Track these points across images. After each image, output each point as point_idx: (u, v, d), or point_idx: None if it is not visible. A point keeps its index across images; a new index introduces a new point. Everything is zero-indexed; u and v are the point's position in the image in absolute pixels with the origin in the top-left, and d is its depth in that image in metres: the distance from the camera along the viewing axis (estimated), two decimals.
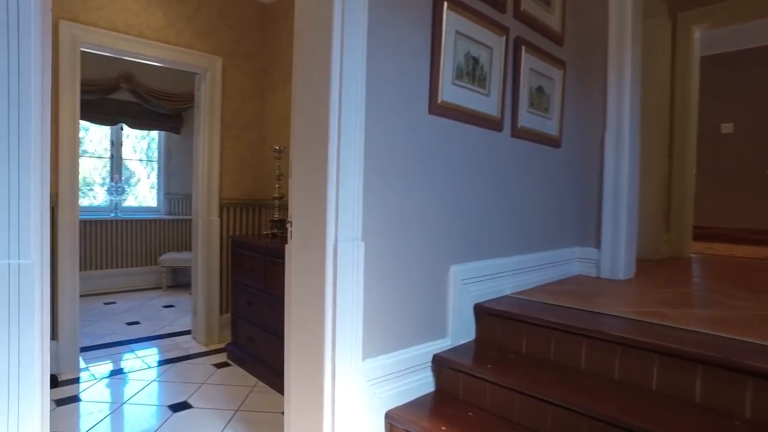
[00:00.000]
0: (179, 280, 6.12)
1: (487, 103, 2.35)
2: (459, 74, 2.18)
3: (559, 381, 1.77)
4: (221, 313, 3.89)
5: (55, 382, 3.02)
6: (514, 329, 2.10)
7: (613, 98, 2.94)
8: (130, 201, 6.28)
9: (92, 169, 6.00)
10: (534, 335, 2.03)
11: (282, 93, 3.89)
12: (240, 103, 3.95)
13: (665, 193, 4.02)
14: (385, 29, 1.83)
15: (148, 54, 3.46)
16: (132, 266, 5.95)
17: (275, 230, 3.47)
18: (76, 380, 3.07)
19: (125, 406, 2.70)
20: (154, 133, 6.35)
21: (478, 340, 2.25)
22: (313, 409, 1.75)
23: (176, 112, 6.17)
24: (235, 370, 3.28)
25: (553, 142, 2.84)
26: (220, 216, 3.88)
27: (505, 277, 2.48)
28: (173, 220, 6.27)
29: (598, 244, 3.00)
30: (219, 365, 3.37)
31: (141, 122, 5.99)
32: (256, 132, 4.05)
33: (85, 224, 5.60)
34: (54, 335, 3.15)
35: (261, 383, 3.04)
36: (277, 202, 3.51)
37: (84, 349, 3.61)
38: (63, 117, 3.10)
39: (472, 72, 2.26)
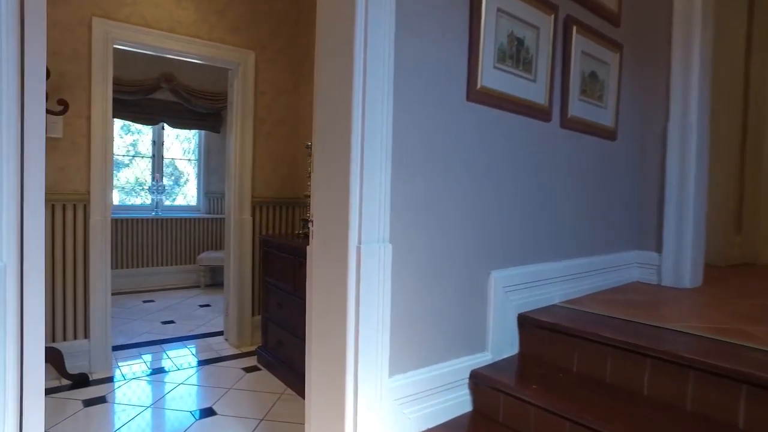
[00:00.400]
0: (217, 279, 6.11)
1: (533, 90, 2.10)
2: (501, 57, 1.95)
3: (617, 409, 1.51)
4: (253, 314, 3.79)
5: (86, 381, 2.98)
6: (564, 344, 1.85)
7: (678, 84, 2.61)
8: (180, 200, 6.36)
9: (144, 168, 6.09)
10: (588, 352, 1.77)
11: None
12: (273, 98, 3.83)
13: (736, 190, 3.61)
14: (417, 4, 1.63)
15: (179, 50, 3.40)
16: (171, 264, 5.99)
17: (306, 230, 3.33)
18: (107, 380, 3.02)
19: (150, 410, 2.62)
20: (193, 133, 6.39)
21: (522, 355, 2.01)
22: (334, 430, 1.56)
23: (215, 111, 6.17)
24: (264, 376, 3.15)
25: (608, 134, 2.55)
26: (253, 215, 3.78)
27: (553, 284, 2.22)
28: (212, 218, 6.28)
29: (659, 248, 2.68)
30: (248, 369, 3.26)
31: (181, 121, 6.02)
32: (289, 128, 3.93)
33: (126, 223, 5.68)
34: (86, 334, 3.12)
35: (289, 390, 2.90)
36: (309, 200, 3.36)
37: (117, 348, 3.59)
38: (95, 115, 3.06)
39: (516, 55, 2.02)
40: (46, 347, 2.86)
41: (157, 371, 3.22)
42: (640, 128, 2.77)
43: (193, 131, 6.33)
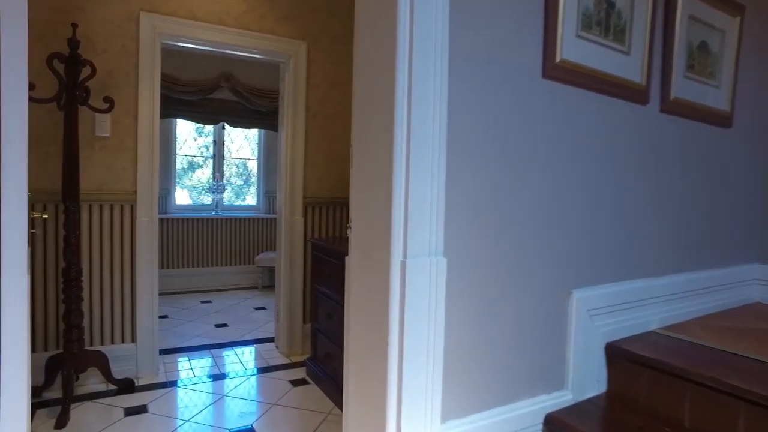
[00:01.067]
0: (275, 281, 6.00)
1: (626, 65, 1.70)
2: (586, 24, 1.57)
3: None
4: (304, 322, 3.58)
5: (131, 386, 2.88)
6: (671, 387, 1.44)
7: None
8: (249, 200, 6.35)
9: (233, 169, 6.13)
10: (708, 403, 1.35)
11: None
12: (326, 91, 3.60)
13: None
14: None
15: (228, 42, 3.23)
16: (231, 265, 5.96)
17: None
18: (152, 387, 2.91)
19: (187, 425, 2.45)
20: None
21: (612, 396, 1.61)
22: None
23: (274, 110, 6.05)
24: (312, 390, 2.92)
25: (721, 120, 2.07)
26: (304, 216, 3.56)
27: (651, 305, 1.79)
28: (271, 218, 6.20)
29: None
30: (296, 382, 3.04)
31: (241, 120, 5.97)
32: (342, 123, 3.68)
33: (188, 223, 5.70)
34: (133, 337, 3.03)
35: (337, 410, 2.64)
36: None
37: (167, 351, 3.50)
38: (142, 113, 2.95)
39: (604, 21, 1.62)
40: (92, 350, 2.78)
41: (203, 379, 3.07)
42: (764, 113, 2.25)
43: (255, 130, 6.28)
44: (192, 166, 6.03)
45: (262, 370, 3.25)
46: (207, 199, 6.08)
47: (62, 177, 2.60)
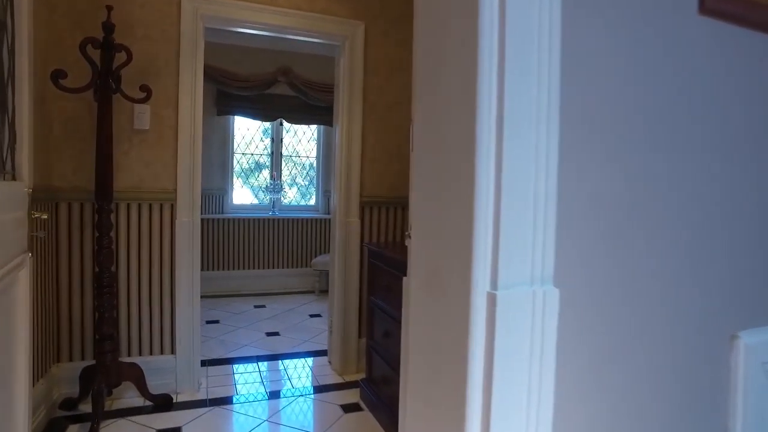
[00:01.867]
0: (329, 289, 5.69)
1: None
2: None
3: None
4: (360, 336, 3.20)
5: (169, 403, 2.62)
6: None
7: None
8: (312, 200, 6.12)
9: (292, 168, 5.96)
10: None
11: None
12: (386, 77, 3.20)
13: None
14: None
15: (276, 24, 2.91)
16: (286, 267, 5.72)
17: None
18: (189, 404, 2.63)
19: None
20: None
21: None
22: None
23: (332, 105, 5.75)
24: (365, 419, 2.52)
25: None
26: (361, 217, 3.18)
27: None
28: (329, 219, 5.90)
29: None
30: (348, 407, 2.66)
31: (299, 116, 5.72)
32: (405, 113, 3.27)
33: (243, 223, 5.51)
34: (172, 349, 2.77)
35: None
36: None
37: (212, 363, 3.24)
38: (183, 104, 2.69)
39: None
40: (126, 362, 2.54)
41: (247, 398, 2.76)
42: None
43: (315, 128, 6.01)
44: (259, 167, 5.86)
45: (312, 391, 2.90)
46: (268, 200, 5.87)
47: (95, 173, 2.37)
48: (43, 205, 2.37)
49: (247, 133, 5.78)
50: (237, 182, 5.76)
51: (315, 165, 6.10)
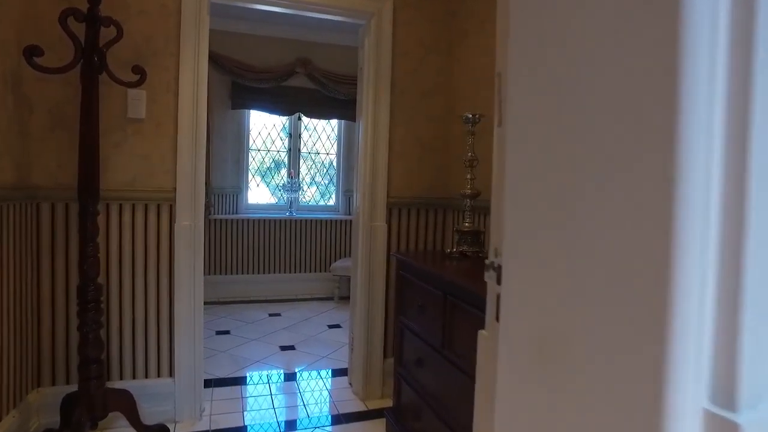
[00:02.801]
0: (350, 301, 5.31)
1: None
2: None
3: None
4: (385, 356, 2.80)
5: None
6: None
7: None
8: (332, 201, 5.73)
9: (311, 166, 5.59)
10: None
11: (477, 39, 2.61)
12: (417, 60, 2.79)
13: None
14: None
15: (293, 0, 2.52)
16: (304, 272, 5.35)
17: (464, 247, 2.22)
18: None
19: None
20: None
21: None
22: None
23: (354, 97, 5.37)
24: None
25: None
26: (388, 221, 2.78)
27: None
28: (350, 220, 5.52)
29: None
30: None
31: (318, 110, 5.35)
32: (440, 101, 2.86)
33: (259, 223, 5.16)
34: (171, 371, 2.41)
35: None
36: (468, 202, 2.25)
37: (218, 383, 2.87)
38: (184, 90, 2.32)
39: None
40: (114, 389, 2.18)
41: (253, 429, 2.39)
42: None
43: (335, 125, 5.63)
44: (278, 165, 5.50)
45: (331, 421, 2.51)
46: (285, 198, 5.51)
47: (78, 167, 2.01)
48: (18, 206, 2.02)
49: (264, 129, 5.42)
50: (253, 180, 5.41)
51: (335, 162, 5.71)
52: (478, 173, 2.25)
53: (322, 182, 5.72)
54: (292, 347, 3.62)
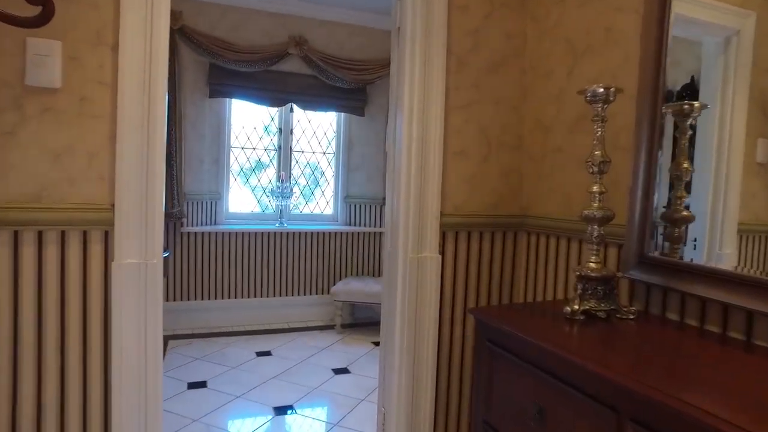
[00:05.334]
0: (359, 316, 4.44)
1: None
2: None
3: None
4: None
5: None
6: None
7: None
8: (318, 208, 4.77)
9: (304, 167, 4.62)
10: None
11: None
12: (483, 17, 1.92)
13: None
14: None
15: None
16: (297, 295, 4.43)
17: (591, 303, 1.36)
18: None
19: None
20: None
21: None
22: None
23: (360, 86, 4.49)
24: None
25: None
26: (442, 251, 1.89)
27: None
28: (352, 232, 4.62)
29: None
30: None
31: (315, 100, 4.43)
32: (512, 75, 1.99)
33: (241, 237, 4.23)
34: None
35: None
36: (595, 230, 1.39)
37: None
38: (128, 43, 1.41)
39: None
40: None
41: None
42: None
43: (331, 114, 4.72)
44: (260, 165, 4.57)
45: None
46: (274, 206, 4.57)
47: None
48: None
49: (248, 123, 4.49)
50: (235, 184, 4.47)
51: (332, 164, 4.80)
52: (611, 177, 1.41)
53: (318, 187, 4.80)
54: (290, 408, 2.71)
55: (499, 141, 1.96)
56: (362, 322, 4.37)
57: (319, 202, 4.79)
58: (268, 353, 3.57)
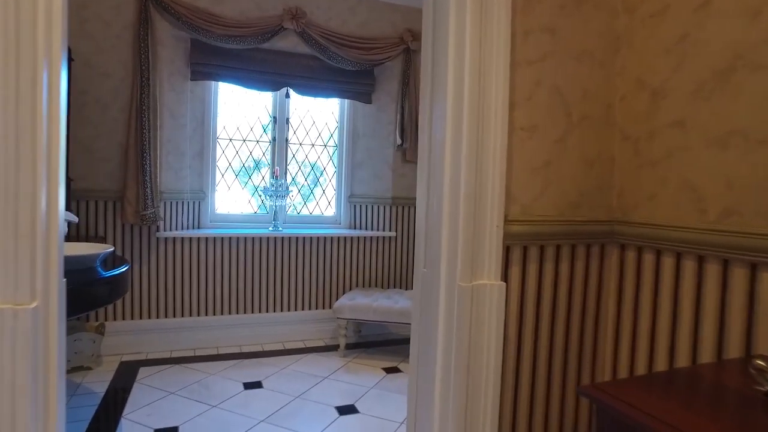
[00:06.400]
0: (366, 333, 3.84)
1: None
2: None
3: None
4: None
5: None
6: None
7: None
8: (318, 209, 4.15)
9: (302, 163, 4.01)
10: None
11: None
12: None
13: None
14: None
15: None
16: (294, 310, 3.83)
17: None
18: None
19: None
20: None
21: None
22: None
23: (366, 68, 3.88)
24: None
25: None
26: (505, 276, 1.28)
27: None
28: (358, 237, 4.02)
29: None
30: None
31: (314, 84, 3.82)
32: (599, 20, 1.38)
33: (228, 243, 3.63)
34: None
35: None
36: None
37: None
38: (23, 52, 0.80)
39: None
40: None
41: None
42: None
43: (333, 101, 4.11)
44: (258, 164, 3.97)
45: None
46: (267, 207, 3.97)
47: None
48: None
49: (238, 110, 3.88)
50: (223, 182, 3.86)
51: (336, 158, 4.19)
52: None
53: (318, 185, 4.19)
54: None
55: (581, 112, 1.35)
56: (370, 341, 3.77)
57: (319, 203, 4.18)
58: (258, 385, 2.96)
